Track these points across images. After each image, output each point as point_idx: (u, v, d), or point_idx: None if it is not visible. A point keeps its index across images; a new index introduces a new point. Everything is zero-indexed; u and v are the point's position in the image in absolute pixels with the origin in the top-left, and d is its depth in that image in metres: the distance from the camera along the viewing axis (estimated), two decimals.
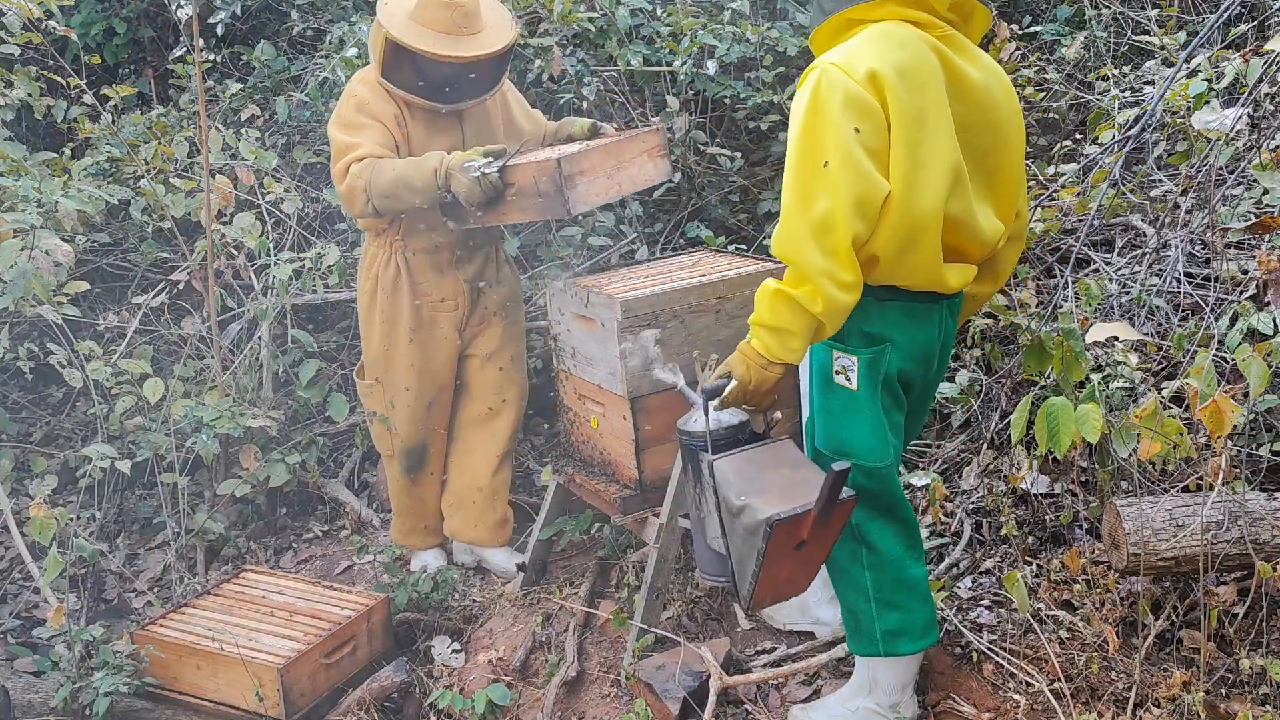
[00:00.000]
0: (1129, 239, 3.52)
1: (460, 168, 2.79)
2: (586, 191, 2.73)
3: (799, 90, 2.07)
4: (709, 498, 2.09)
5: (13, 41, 3.87)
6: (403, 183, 2.84)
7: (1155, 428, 2.28)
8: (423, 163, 2.85)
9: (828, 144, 1.99)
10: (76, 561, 3.50)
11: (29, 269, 3.35)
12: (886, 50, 2.06)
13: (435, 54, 2.87)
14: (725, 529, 2.06)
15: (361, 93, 2.99)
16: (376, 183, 2.85)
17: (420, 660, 3.07)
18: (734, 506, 2.00)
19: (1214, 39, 3.48)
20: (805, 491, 2.01)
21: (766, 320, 2.06)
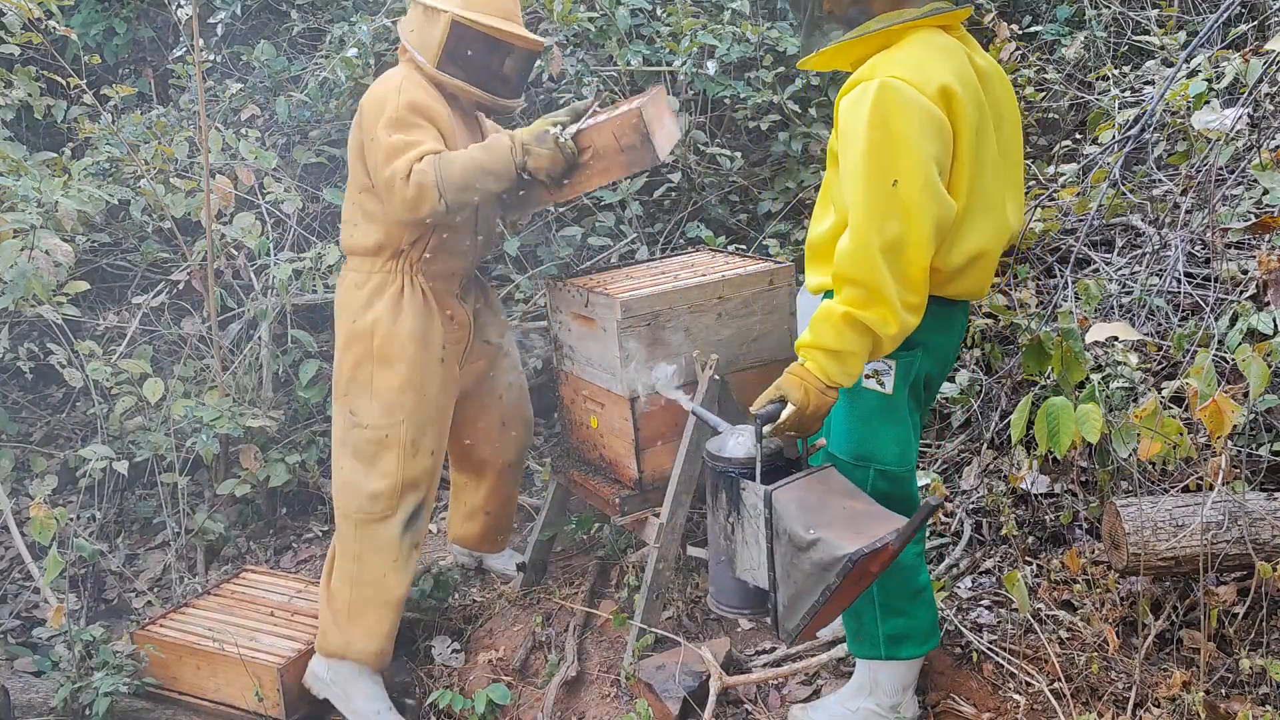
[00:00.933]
0: (1129, 239, 3.52)
1: (536, 139, 2.64)
2: (663, 138, 2.69)
3: (852, 101, 2.00)
4: (752, 528, 2.02)
5: (13, 41, 3.87)
6: (479, 170, 2.63)
7: (1155, 428, 2.28)
8: (494, 146, 2.66)
9: (901, 164, 1.94)
10: (76, 561, 3.50)
11: (29, 269, 3.35)
12: (945, 61, 2.03)
13: (513, 34, 2.73)
14: (778, 561, 1.99)
15: (412, 92, 2.71)
16: (449, 176, 2.60)
17: (420, 660, 3.07)
18: (802, 540, 1.93)
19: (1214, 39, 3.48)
20: (871, 523, 1.98)
21: (830, 344, 1.99)
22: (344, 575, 2.82)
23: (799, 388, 2.03)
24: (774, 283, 2.77)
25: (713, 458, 2.11)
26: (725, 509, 2.09)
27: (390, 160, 2.63)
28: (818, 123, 4.06)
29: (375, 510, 2.79)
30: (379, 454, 2.79)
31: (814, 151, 4.15)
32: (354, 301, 2.82)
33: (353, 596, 2.80)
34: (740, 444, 2.09)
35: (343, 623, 2.80)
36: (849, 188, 1.99)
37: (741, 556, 2.07)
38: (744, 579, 2.08)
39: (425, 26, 2.74)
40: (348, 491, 2.81)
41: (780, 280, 2.78)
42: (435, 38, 2.71)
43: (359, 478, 2.79)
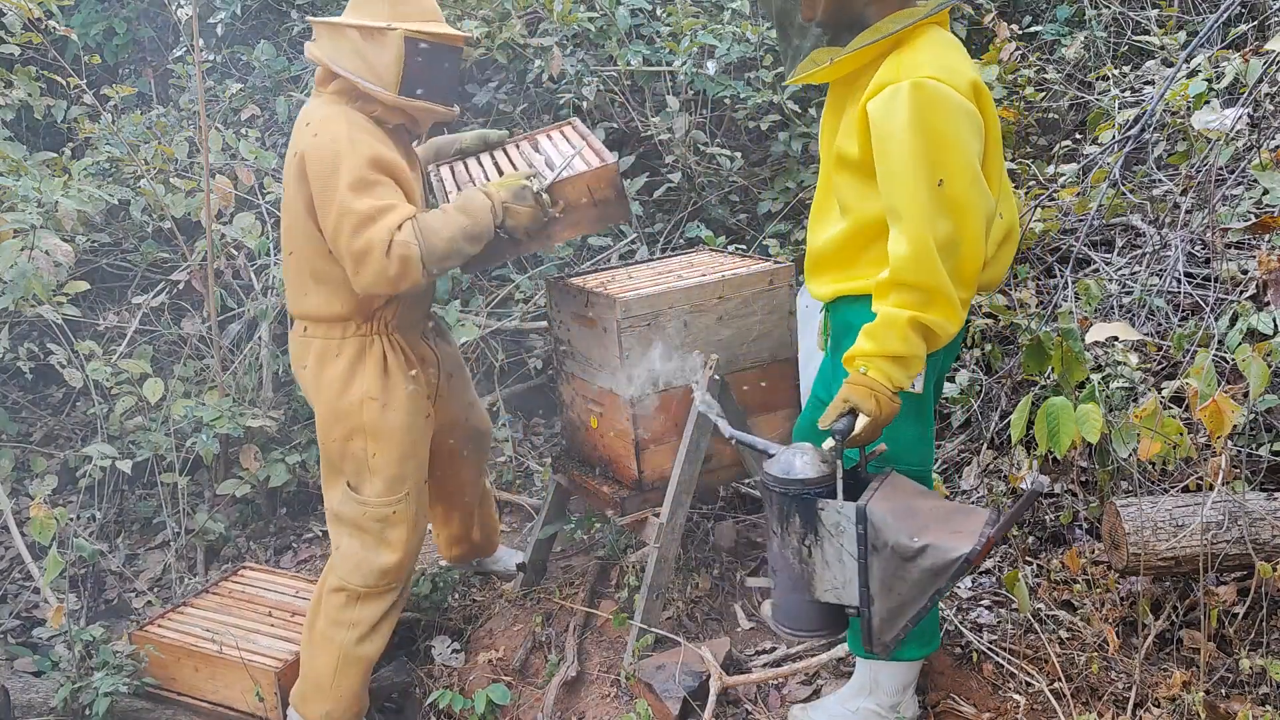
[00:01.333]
0: (1129, 239, 3.52)
1: (514, 196, 2.49)
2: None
3: (885, 104, 1.98)
4: (834, 547, 1.99)
5: (13, 41, 3.87)
6: (462, 236, 2.44)
7: (1155, 428, 2.28)
8: (473, 208, 2.47)
9: (946, 162, 1.94)
10: (76, 561, 3.50)
11: (29, 269, 3.35)
12: (963, 56, 2.06)
13: (456, 36, 2.52)
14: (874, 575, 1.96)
15: (366, 143, 2.43)
16: (432, 246, 2.40)
17: (420, 660, 3.07)
18: (909, 550, 1.91)
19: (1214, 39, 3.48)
20: (962, 519, 1.98)
21: (897, 350, 1.98)
22: (331, 643, 2.67)
23: (869, 398, 1.99)
24: (774, 283, 2.77)
25: (781, 482, 2.02)
26: (800, 532, 2.02)
27: (361, 229, 2.37)
28: (817, 123, 4.06)
29: (383, 584, 2.66)
30: (386, 530, 2.64)
31: (814, 151, 4.15)
32: (332, 375, 2.60)
33: (339, 665, 2.67)
34: (809, 463, 2.03)
35: (325, 689, 2.68)
36: (894, 191, 1.98)
37: (822, 578, 2.02)
38: (825, 600, 2.04)
39: (372, 51, 2.44)
40: (352, 566, 2.64)
41: (780, 280, 2.78)
42: (391, 60, 2.43)
43: (367, 554, 2.63)
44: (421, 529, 2.73)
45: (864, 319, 2.18)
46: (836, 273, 2.22)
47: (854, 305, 2.20)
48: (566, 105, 4.22)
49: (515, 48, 4.21)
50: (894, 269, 1.98)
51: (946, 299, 1.98)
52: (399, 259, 2.37)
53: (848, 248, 2.18)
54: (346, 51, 2.46)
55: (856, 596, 2.00)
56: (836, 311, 2.27)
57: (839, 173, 2.16)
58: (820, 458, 2.04)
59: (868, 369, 2.00)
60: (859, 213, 2.13)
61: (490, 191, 2.50)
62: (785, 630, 2.15)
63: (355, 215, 2.37)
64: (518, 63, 4.26)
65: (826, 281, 2.25)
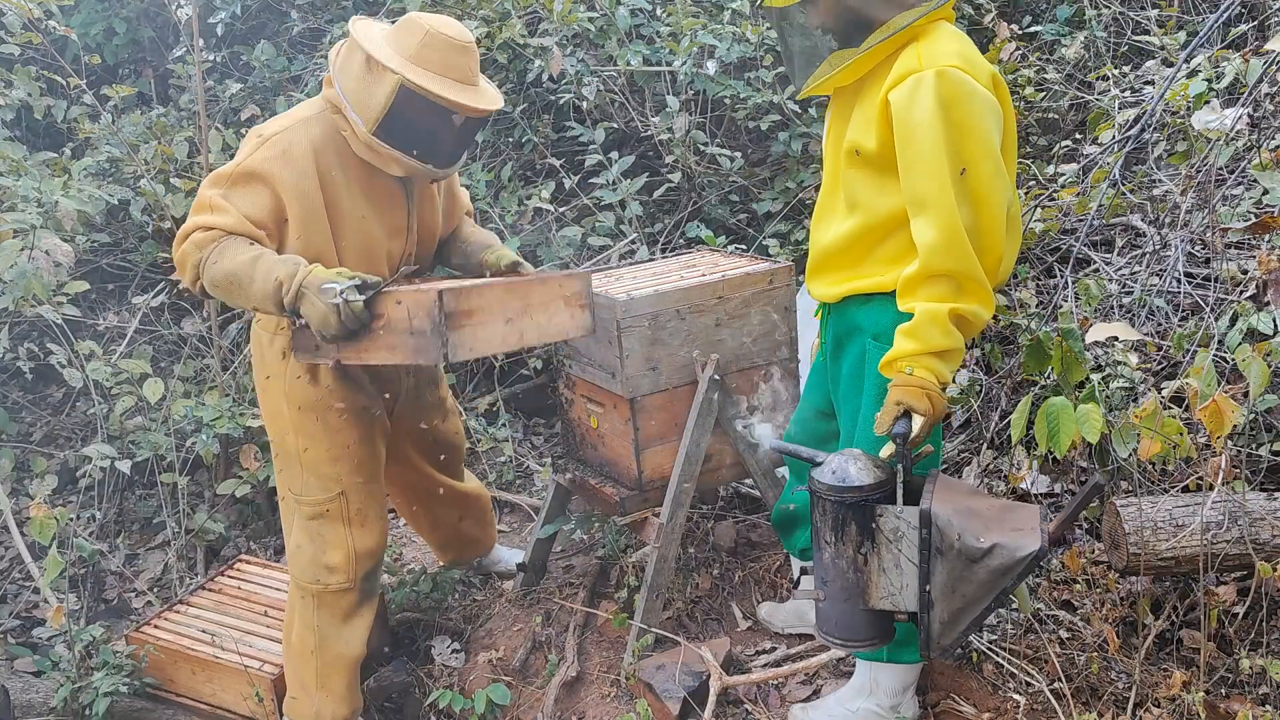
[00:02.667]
0: (1129, 239, 3.52)
1: (318, 289, 2.22)
2: (474, 336, 2.23)
3: (907, 95, 1.98)
4: (891, 553, 1.97)
5: (13, 41, 3.87)
6: (237, 281, 2.28)
7: (1155, 428, 2.28)
8: (269, 267, 2.27)
9: (970, 152, 1.95)
10: (76, 561, 3.50)
11: (29, 269, 3.35)
12: (975, 49, 2.07)
13: (462, 104, 2.33)
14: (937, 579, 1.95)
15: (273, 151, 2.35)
16: (212, 267, 2.29)
17: (420, 660, 3.07)
18: (977, 551, 1.90)
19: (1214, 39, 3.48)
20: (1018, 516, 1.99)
21: (941, 344, 1.98)
22: (305, 646, 2.66)
23: (922, 397, 1.98)
24: (774, 283, 2.77)
25: (838, 490, 1.99)
26: (856, 540, 1.99)
27: (194, 212, 2.35)
28: (817, 122, 4.06)
29: (333, 582, 2.62)
30: (323, 528, 2.60)
31: (814, 151, 4.15)
32: (267, 359, 2.56)
33: (318, 666, 2.66)
34: (864, 469, 2.00)
35: (311, 691, 2.68)
36: (919, 180, 1.98)
37: (877, 585, 2.01)
38: (880, 608, 2.02)
39: (367, 83, 2.34)
40: (301, 560, 2.63)
41: (780, 280, 2.78)
42: (378, 100, 2.32)
43: (313, 550, 2.62)
44: (372, 530, 2.65)
45: (871, 319, 2.17)
46: (844, 271, 2.22)
47: (862, 306, 2.20)
48: (566, 105, 4.22)
49: (515, 48, 4.21)
50: (925, 259, 1.97)
51: (979, 284, 1.99)
52: (181, 254, 2.34)
53: (856, 245, 2.18)
54: (351, 69, 2.37)
55: (914, 602, 1.99)
56: (842, 312, 2.27)
57: (851, 169, 2.15)
58: (873, 463, 2.02)
59: (914, 369, 1.99)
60: (872, 209, 2.13)
61: (303, 269, 2.27)
62: (836, 641, 2.11)
63: (201, 196, 2.35)
64: (518, 63, 4.27)
65: (832, 281, 2.24)
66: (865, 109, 2.10)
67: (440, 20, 2.36)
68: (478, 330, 2.25)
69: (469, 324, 2.22)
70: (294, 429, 2.57)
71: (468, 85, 2.38)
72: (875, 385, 2.19)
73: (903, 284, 2.04)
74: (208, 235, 2.31)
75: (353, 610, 2.68)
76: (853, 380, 2.28)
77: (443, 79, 2.34)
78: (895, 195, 2.08)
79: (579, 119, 4.26)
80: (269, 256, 2.30)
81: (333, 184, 2.42)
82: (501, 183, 4.25)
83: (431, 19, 2.36)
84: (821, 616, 2.13)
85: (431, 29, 2.33)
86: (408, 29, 2.35)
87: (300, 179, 2.37)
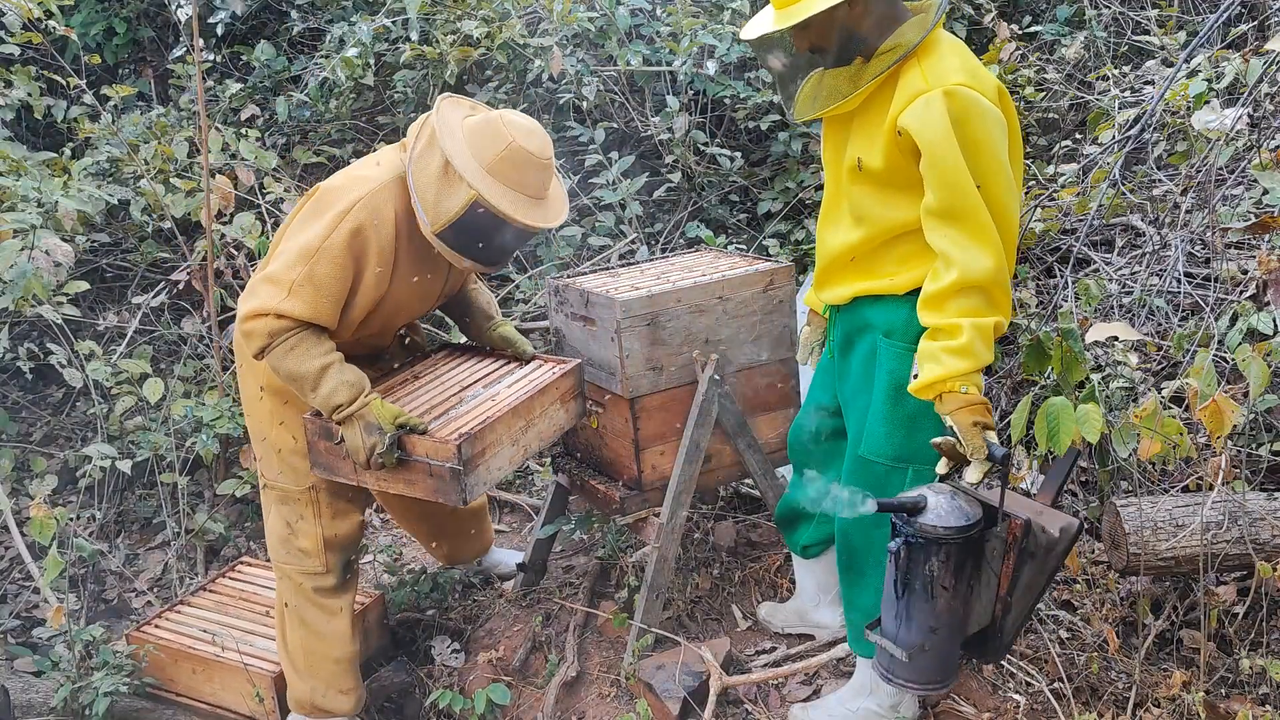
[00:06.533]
0: (1129, 239, 3.52)
1: (365, 425, 2.33)
2: (487, 470, 2.38)
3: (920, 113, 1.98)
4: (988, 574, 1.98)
5: (13, 41, 3.87)
6: (301, 383, 2.34)
7: (1155, 428, 2.28)
8: (337, 386, 2.33)
9: (983, 168, 1.97)
10: (76, 561, 3.50)
11: (29, 269, 3.35)
12: (977, 60, 2.08)
13: (529, 225, 2.37)
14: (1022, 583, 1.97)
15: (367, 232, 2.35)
16: (281, 359, 2.33)
17: (420, 660, 3.07)
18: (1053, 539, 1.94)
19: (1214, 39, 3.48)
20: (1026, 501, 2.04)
21: (987, 359, 1.99)
22: (296, 639, 2.69)
23: (987, 412, 1.99)
24: (774, 283, 2.77)
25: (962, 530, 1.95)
26: (969, 575, 1.99)
27: (272, 283, 2.32)
28: (817, 123, 4.06)
29: (309, 566, 2.64)
30: (295, 516, 2.63)
31: (814, 151, 4.15)
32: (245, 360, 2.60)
33: (310, 658, 2.68)
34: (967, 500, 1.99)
35: (303, 674, 2.70)
36: (951, 198, 1.99)
37: (974, 612, 2.02)
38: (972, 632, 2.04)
39: (441, 186, 2.35)
40: (279, 542, 2.66)
41: (780, 280, 2.78)
42: (449, 208, 2.34)
43: (286, 533, 2.64)
44: (343, 523, 2.65)
45: (882, 317, 2.18)
46: (855, 277, 2.24)
47: (873, 304, 2.22)
48: (566, 105, 4.22)
49: (515, 48, 4.21)
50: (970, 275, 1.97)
51: (1008, 295, 2.02)
52: (251, 329, 2.33)
53: (865, 253, 2.20)
54: (428, 167, 2.36)
55: (989, 615, 2.01)
56: (851, 311, 2.28)
57: (856, 184, 2.16)
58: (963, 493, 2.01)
59: (968, 388, 1.98)
60: (879, 222, 2.15)
61: (364, 399, 2.35)
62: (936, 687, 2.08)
63: (283, 268, 2.32)
64: (518, 63, 4.27)
65: (842, 284, 2.26)
66: (869, 126, 2.11)
67: (524, 130, 2.36)
68: (490, 464, 2.39)
69: (483, 461, 2.36)
70: (270, 418, 2.59)
71: (538, 200, 2.40)
72: (886, 382, 2.19)
73: (930, 297, 2.02)
74: (280, 325, 2.31)
75: (331, 594, 2.68)
76: (863, 376, 2.28)
77: (516, 196, 2.35)
78: (902, 208, 2.09)
79: (579, 119, 4.26)
80: (335, 370, 2.34)
81: (402, 250, 2.43)
82: None
83: (516, 127, 2.35)
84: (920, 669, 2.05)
85: (514, 143, 2.33)
86: (492, 136, 2.34)
87: (384, 244, 2.38)
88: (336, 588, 2.69)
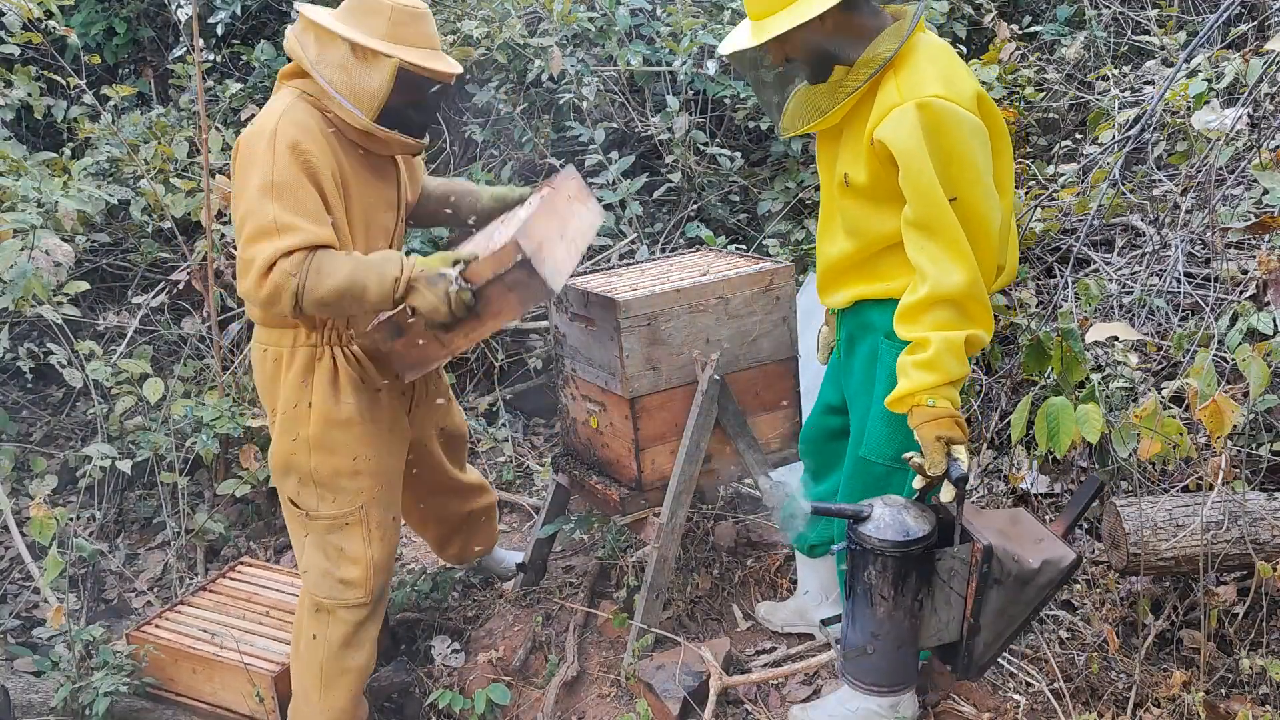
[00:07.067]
0: (1129, 239, 3.52)
1: (427, 280, 2.24)
2: (555, 262, 2.32)
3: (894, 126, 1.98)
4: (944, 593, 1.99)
5: (13, 41, 3.87)
6: (353, 293, 2.24)
7: (1155, 428, 2.28)
8: (381, 267, 2.25)
9: (958, 180, 1.96)
10: (76, 561, 3.50)
11: (29, 269, 3.35)
12: (958, 65, 2.07)
13: (450, 74, 2.35)
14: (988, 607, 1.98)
15: (303, 143, 2.25)
16: (313, 287, 2.21)
17: (420, 660, 3.07)
18: (1031, 571, 1.94)
19: (1214, 39, 3.48)
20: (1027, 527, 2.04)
21: (958, 373, 1.99)
22: (315, 656, 2.59)
23: (955, 427, 1.98)
24: (774, 283, 2.77)
25: (903, 545, 1.98)
26: (915, 589, 2.00)
27: (255, 240, 2.20)
28: None
29: (349, 597, 2.54)
30: (342, 541, 2.53)
31: (813, 151, 4.15)
32: (285, 382, 2.47)
33: (324, 677, 2.59)
34: (919, 516, 2.01)
35: (315, 705, 2.61)
36: (925, 211, 1.98)
37: (929, 626, 2.03)
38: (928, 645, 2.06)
39: (360, 71, 2.29)
40: (314, 576, 2.55)
41: (780, 280, 2.78)
42: (377, 87, 2.29)
43: (328, 566, 2.54)
44: (388, 542, 2.60)
45: (884, 319, 2.19)
46: (855, 282, 2.25)
47: (875, 306, 2.22)
48: (567, 105, 4.21)
49: (515, 48, 4.21)
50: (941, 289, 1.97)
51: (985, 310, 2.00)
52: (273, 285, 2.20)
53: (860, 263, 2.21)
54: (332, 61, 2.31)
55: (957, 632, 2.01)
56: (855, 312, 2.29)
57: (845, 199, 2.17)
58: (918, 507, 2.03)
59: (935, 401, 1.98)
60: (869, 234, 2.15)
61: (407, 264, 2.28)
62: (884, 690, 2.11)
63: (255, 222, 2.21)
64: (518, 63, 4.26)
65: (843, 291, 2.27)
66: (852, 141, 2.12)
67: None
68: (554, 255, 2.32)
69: (545, 253, 2.29)
70: (317, 445, 2.47)
71: (440, 52, 2.38)
72: (887, 383, 2.19)
73: (904, 311, 2.03)
74: (292, 259, 2.20)
75: (366, 623, 2.61)
76: (864, 377, 2.29)
77: (426, 52, 2.33)
78: (891, 221, 2.09)
79: (579, 119, 4.26)
80: (361, 260, 2.26)
81: (339, 156, 2.36)
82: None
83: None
84: (865, 669, 2.10)
85: (396, 5, 2.30)
86: (372, 7, 2.31)
87: (326, 159, 2.30)
88: (370, 618, 2.61)
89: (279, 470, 2.55)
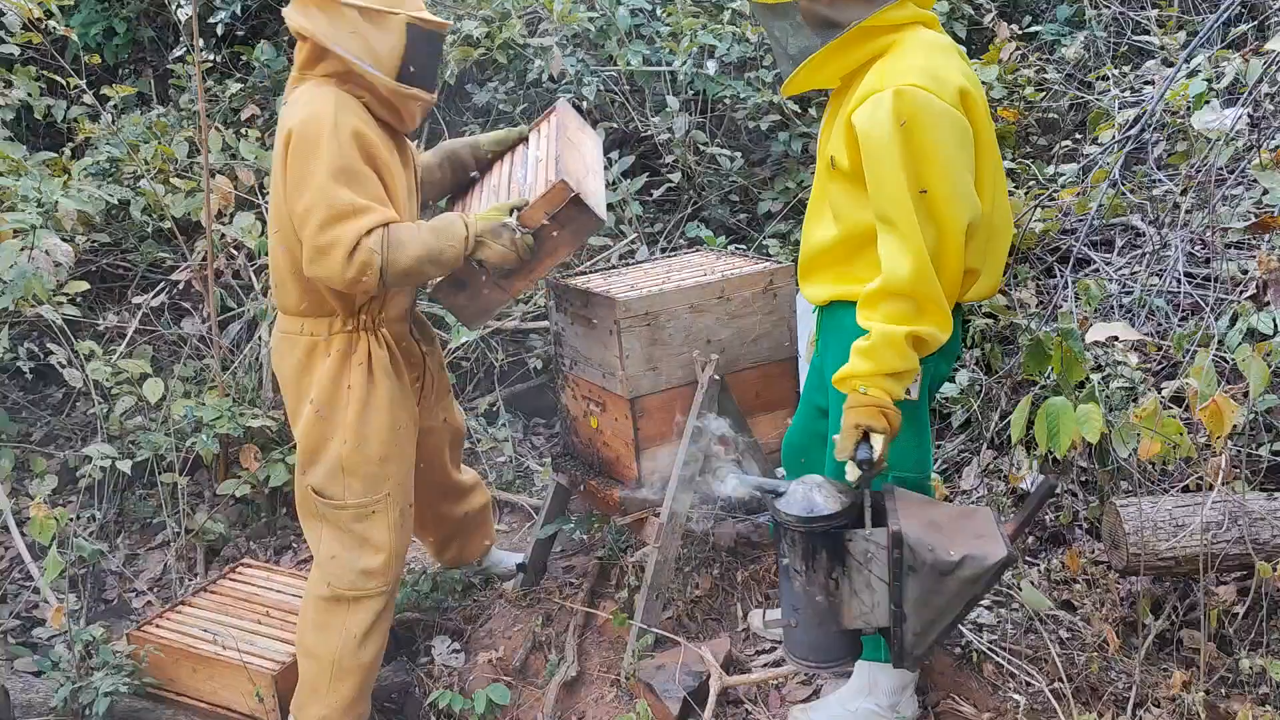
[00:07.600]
0: (1129, 239, 3.52)
1: (492, 232, 2.40)
2: (596, 193, 2.49)
3: (868, 115, 1.97)
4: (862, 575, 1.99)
5: (13, 41, 3.87)
6: (428, 258, 2.36)
7: (1155, 428, 2.28)
8: (449, 230, 2.39)
9: (929, 173, 1.95)
10: (76, 561, 3.50)
11: (29, 269, 3.35)
12: (951, 60, 2.05)
13: (444, 23, 2.46)
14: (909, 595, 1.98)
15: (364, 132, 2.35)
16: (396, 260, 2.31)
17: (420, 660, 3.07)
18: (949, 564, 1.94)
19: (1214, 39, 3.48)
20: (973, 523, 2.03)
21: (895, 366, 1.98)
22: (326, 651, 2.59)
23: (879, 417, 1.99)
24: (774, 283, 2.77)
25: (806, 521, 2.00)
26: (826, 567, 2.01)
27: (332, 224, 2.28)
28: (817, 123, 4.06)
29: (370, 587, 2.56)
30: (366, 530, 2.55)
31: (814, 151, 4.15)
32: (319, 371, 2.50)
33: (334, 674, 2.60)
34: (829, 496, 2.02)
35: (322, 697, 2.61)
36: (885, 201, 1.98)
37: (850, 607, 2.03)
38: (852, 628, 2.06)
39: (374, 34, 2.36)
40: (335, 568, 2.56)
41: (780, 280, 2.78)
42: (393, 46, 2.36)
43: (349, 555, 2.56)
44: (407, 530, 2.64)
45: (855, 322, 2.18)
46: (831, 277, 2.23)
47: (849, 310, 2.19)
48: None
49: (515, 48, 4.21)
50: (892, 281, 1.97)
51: (939, 307, 1.98)
52: (360, 264, 2.29)
53: (840, 253, 2.19)
54: (345, 31, 2.35)
55: (885, 618, 2.01)
56: (831, 315, 2.27)
57: (833, 181, 2.15)
58: (835, 488, 2.03)
59: (868, 388, 1.99)
60: (850, 221, 2.13)
61: (469, 221, 2.41)
62: (809, 664, 2.14)
63: (329, 207, 2.28)
64: (518, 63, 4.26)
65: (821, 284, 2.25)
66: (840, 123, 2.11)
67: None
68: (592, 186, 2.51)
69: (584, 186, 2.47)
70: (353, 433, 2.50)
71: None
72: None
73: (865, 298, 2.03)
74: (373, 237, 2.30)
75: (382, 614, 2.63)
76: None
77: (419, 8, 2.43)
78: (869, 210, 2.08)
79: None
80: (428, 227, 2.39)
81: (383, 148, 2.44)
82: None
83: None
84: (793, 641, 2.15)
85: None
86: None
87: (378, 148, 2.40)
88: (387, 609, 2.63)
89: (307, 459, 2.56)
